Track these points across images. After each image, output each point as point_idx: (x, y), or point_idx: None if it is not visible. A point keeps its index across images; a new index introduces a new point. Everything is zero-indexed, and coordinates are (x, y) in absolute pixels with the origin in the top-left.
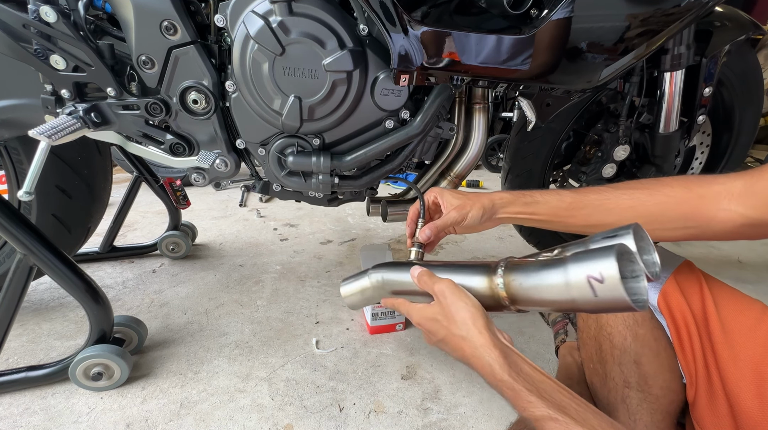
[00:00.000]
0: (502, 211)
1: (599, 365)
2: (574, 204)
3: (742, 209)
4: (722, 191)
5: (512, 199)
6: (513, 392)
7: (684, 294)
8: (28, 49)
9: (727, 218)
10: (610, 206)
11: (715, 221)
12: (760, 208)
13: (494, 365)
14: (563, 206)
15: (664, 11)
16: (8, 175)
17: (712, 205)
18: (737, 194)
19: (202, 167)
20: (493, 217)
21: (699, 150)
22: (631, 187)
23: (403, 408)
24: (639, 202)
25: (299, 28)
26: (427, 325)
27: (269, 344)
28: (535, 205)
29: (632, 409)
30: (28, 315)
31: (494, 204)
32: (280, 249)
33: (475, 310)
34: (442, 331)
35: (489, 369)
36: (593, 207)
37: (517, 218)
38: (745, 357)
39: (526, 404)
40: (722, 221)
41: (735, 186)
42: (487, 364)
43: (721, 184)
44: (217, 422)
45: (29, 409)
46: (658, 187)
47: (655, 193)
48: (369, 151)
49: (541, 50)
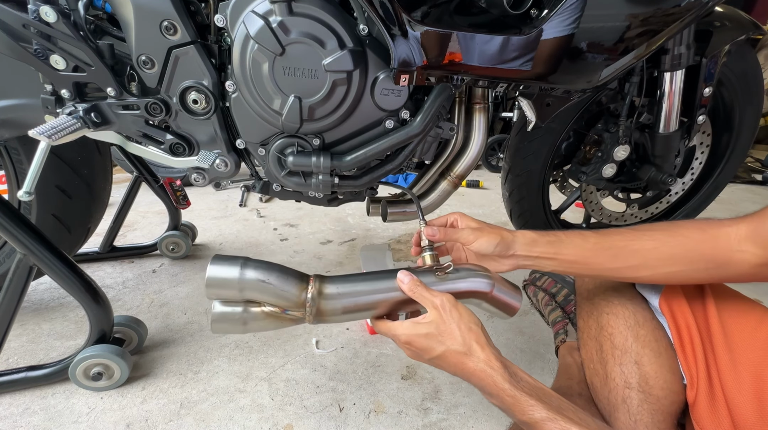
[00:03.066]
0: (523, 250)
1: (600, 366)
2: (599, 245)
3: (755, 250)
4: (731, 233)
5: (536, 237)
6: (513, 399)
7: (685, 296)
8: (28, 49)
9: (743, 259)
10: (636, 248)
11: (732, 262)
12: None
13: (496, 377)
14: (588, 247)
15: (664, 11)
16: (8, 175)
17: (727, 245)
18: (745, 237)
19: (202, 167)
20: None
21: (699, 150)
22: (650, 229)
23: (403, 408)
24: (661, 242)
25: (299, 28)
26: (420, 343)
27: (269, 344)
28: (560, 245)
29: (633, 409)
30: (28, 315)
31: (515, 239)
32: (280, 249)
33: (476, 326)
34: (439, 347)
35: (491, 380)
36: (618, 248)
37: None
38: (745, 360)
39: (527, 408)
40: (739, 262)
41: (741, 229)
42: (490, 376)
43: (729, 227)
44: (217, 422)
45: (29, 409)
46: (675, 229)
47: (674, 234)
48: (369, 151)
49: (541, 50)
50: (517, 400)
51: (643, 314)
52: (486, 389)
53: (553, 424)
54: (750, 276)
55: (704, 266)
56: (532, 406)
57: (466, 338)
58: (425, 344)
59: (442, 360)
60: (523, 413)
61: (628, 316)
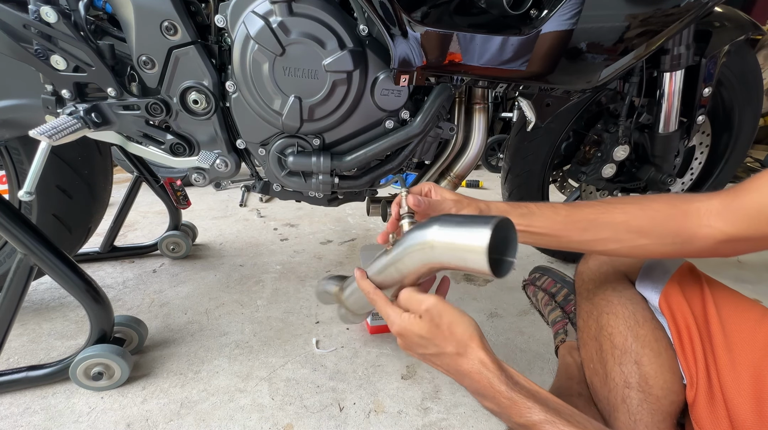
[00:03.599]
0: None
1: (600, 365)
2: (570, 217)
3: (722, 225)
4: (702, 208)
5: (508, 209)
6: (510, 401)
7: (685, 295)
8: (29, 49)
9: (708, 235)
10: (606, 221)
11: (697, 237)
12: (737, 224)
13: (492, 378)
14: (559, 219)
15: (663, 11)
16: (9, 176)
17: (695, 221)
18: (715, 212)
19: (202, 167)
20: None
21: (698, 150)
22: (621, 202)
23: (403, 408)
24: (631, 216)
25: (299, 29)
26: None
27: (269, 343)
28: (531, 217)
29: (632, 409)
30: (28, 315)
31: (490, 210)
32: (280, 249)
33: (473, 329)
34: (431, 348)
35: (486, 382)
36: (588, 221)
37: None
38: (744, 361)
39: (524, 410)
40: (704, 238)
41: (713, 204)
42: (485, 377)
43: (700, 202)
44: (217, 422)
45: (30, 409)
46: (646, 203)
47: (645, 208)
48: (369, 151)
49: (540, 51)
50: (513, 402)
51: (643, 313)
52: (481, 391)
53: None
54: (712, 251)
55: (671, 241)
56: (530, 408)
57: (460, 339)
58: (420, 341)
59: (435, 358)
60: (521, 416)
61: (628, 316)
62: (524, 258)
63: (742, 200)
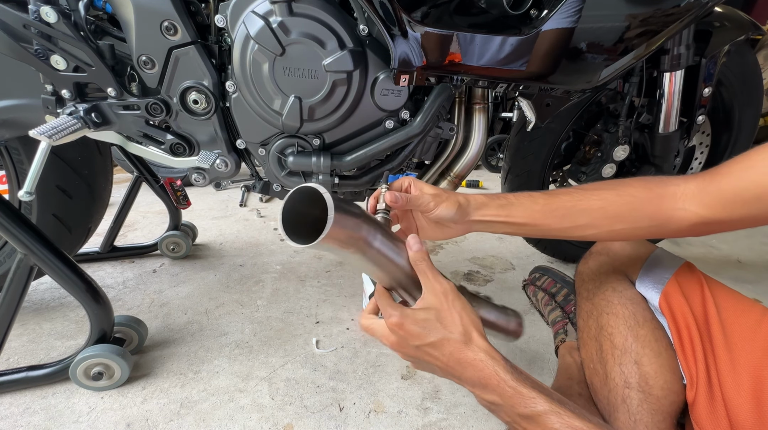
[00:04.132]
0: (476, 214)
1: (599, 365)
2: (548, 206)
3: (696, 209)
4: (678, 192)
5: (486, 201)
6: (515, 391)
7: (685, 295)
8: (29, 49)
9: (683, 217)
10: (583, 207)
11: (673, 220)
12: (712, 207)
13: (497, 367)
14: (537, 209)
15: (663, 11)
16: (9, 175)
17: (670, 204)
18: (691, 195)
19: (202, 167)
20: (466, 218)
21: (698, 150)
22: (598, 188)
23: (403, 408)
24: (608, 202)
25: (299, 29)
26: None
27: (269, 343)
28: (510, 208)
29: (633, 409)
30: (28, 315)
31: (469, 203)
32: (280, 249)
33: (476, 318)
34: (434, 335)
35: (491, 370)
36: (566, 209)
37: (492, 223)
38: (744, 361)
39: (529, 400)
40: (679, 220)
41: (689, 187)
42: (490, 366)
43: (676, 185)
44: (217, 422)
45: (30, 409)
46: (622, 188)
47: (621, 194)
48: (369, 151)
49: (540, 51)
50: (518, 392)
51: (643, 314)
52: (483, 381)
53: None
54: (686, 232)
55: (647, 224)
56: (534, 398)
57: (467, 327)
58: (418, 329)
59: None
60: (525, 406)
61: (628, 316)
62: (524, 258)
63: (718, 184)
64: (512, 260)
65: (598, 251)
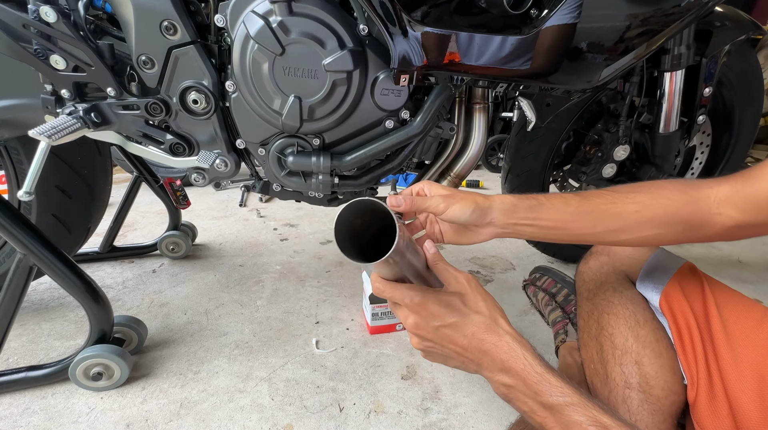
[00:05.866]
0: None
1: (600, 366)
2: (581, 208)
3: (733, 213)
4: (711, 195)
5: (515, 202)
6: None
7: (686, 295)
8: (28, 49)
9: (718, 221)
10: (617, 211)
11: (708, 224)
12: (747, 211)
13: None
14: (570, 211)
15: (664, 11)
16: (8, 175)
17: (706, 208)
18: (725, 199)
19: (202, 167)
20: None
21: (699, 150)
22: (632, 191)
23: (403, 408)
24: (643, 205)
25: (299, 28)
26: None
27: (269, 344)
28: (540, 209)
29: (633, 410)
30: (28, 315)
31: (491, 205)
32: (280, 249)
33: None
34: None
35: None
36: (600, 212)
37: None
38: (747, 359)
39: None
40: (714, 224)
41: (722, 191)
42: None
43: (709, 188)
44: (217, 422)
45: (29, 409)
46: (657, 191)
47: (656, 197)
48: (369, 151)
49: (541, 50)
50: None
51: (644, 314)
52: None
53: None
54: (720, 237)
55: (682, 229)
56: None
57: (492, 311)
58: (440, 309)
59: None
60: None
61: (629, 316)
62: (524, 258)
63: (752, 188)
64: (512, 260)
65: (598, 251)
